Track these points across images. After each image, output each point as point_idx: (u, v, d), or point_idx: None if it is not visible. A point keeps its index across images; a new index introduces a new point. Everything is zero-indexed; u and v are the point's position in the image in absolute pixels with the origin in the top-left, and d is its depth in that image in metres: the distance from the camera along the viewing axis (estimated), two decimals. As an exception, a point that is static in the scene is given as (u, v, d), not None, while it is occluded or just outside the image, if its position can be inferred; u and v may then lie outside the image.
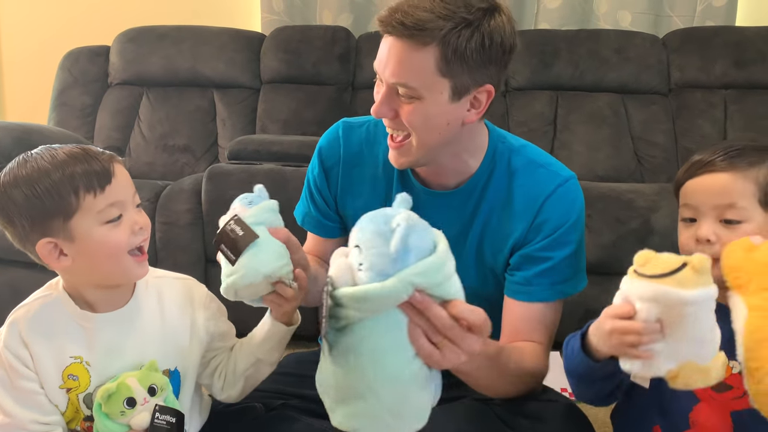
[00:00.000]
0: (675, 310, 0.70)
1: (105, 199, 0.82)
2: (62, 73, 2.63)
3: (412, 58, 0.88)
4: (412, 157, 0.97)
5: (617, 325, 0.74)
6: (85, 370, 0.87)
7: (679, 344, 0.71)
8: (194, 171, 2.43)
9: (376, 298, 0.68)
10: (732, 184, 0.84)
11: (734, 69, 2.41)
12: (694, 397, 0.85)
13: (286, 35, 2.59)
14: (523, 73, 2.51)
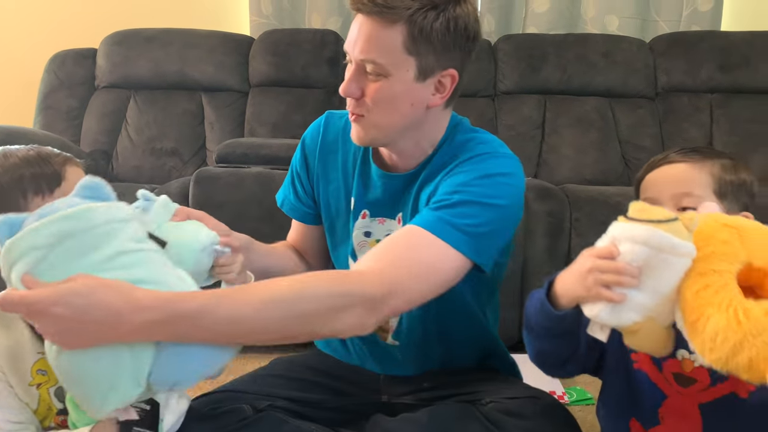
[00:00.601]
0: (661, 257, 0.71)
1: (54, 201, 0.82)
2: (48, 75, 2.60)
3: (380, 35, 0.91)
4: (372, 134, 0.99)
5: (598, 263, 0.74)
6: None
7: (649, 296, 0.72)
8: (182, 175, 2.42)
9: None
10: (688, 173, 0.88)
11: (720, 73, 2.45)
12: (661, 393, 0.87)
13: (275, 38, 2.59)
14: (512, 77, 2.53)
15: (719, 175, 0.88)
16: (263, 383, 1.11)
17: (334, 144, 1.13)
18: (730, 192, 0.88)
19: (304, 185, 1.16)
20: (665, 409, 0.87)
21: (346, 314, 0.83)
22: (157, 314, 0.74)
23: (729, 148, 2.37)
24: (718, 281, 0.69)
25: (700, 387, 0.84)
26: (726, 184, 0.88)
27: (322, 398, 1.11)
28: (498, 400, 0.99)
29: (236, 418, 1.00)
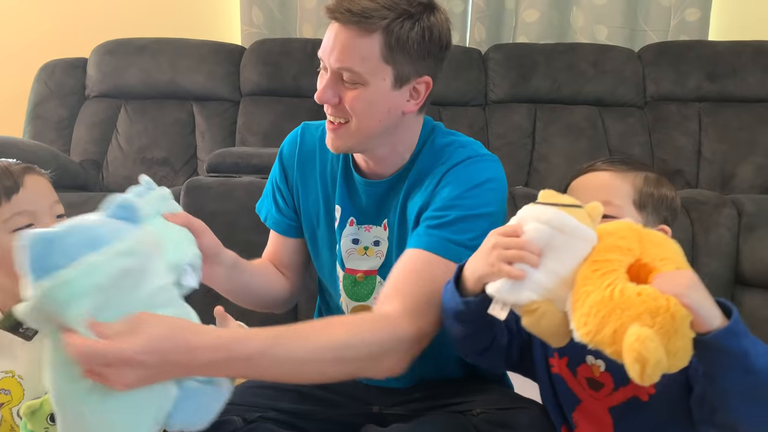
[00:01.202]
0: (562, 238, 0.74)
1: (11, 207, 0.84)
2: (38, 85, 2.59)
3: (357, 44, 0.92)
4: (348, 141, 1.00)
5: (501, 240, 0.77)
6: (18, 383, 0.86)
7: (548, 276, 0.74)
8: (173, 184, 2.41)
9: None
10: (611, 182, 0.90)
11: (707, 82, 2.47)
12: (575, 397, 0.90)
13: (266, 48, 2.59)
14: (502, 86, 2.54)
15: (641, 187, 0.89)
16: (253, 394, 1.10)
17: (311, 154, 1.14)
18: (650, 204, 0.89)
19: (285, 197, 1.16)
20: (579, 414, 0.90)
21: (387, 359, 0.87)
22: (219, 354, 0.75)
23: (718, 156, 2.39)
24: (608, 267, 0.71)
25: (607, 390, 0.87)
26: (646, 197, 0.89)
27: (312, 409, 1.10)
28: (488, 410, 0.99)
29: (227, 430, 1.00)
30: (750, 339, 0.68)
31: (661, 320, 0.64)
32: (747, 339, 0.68)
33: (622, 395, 0.85)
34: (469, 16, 2.76)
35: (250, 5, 2.72)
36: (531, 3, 2.69)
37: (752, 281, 1.81)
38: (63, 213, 0.89)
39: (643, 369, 0.64)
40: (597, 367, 0.88)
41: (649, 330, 0.64)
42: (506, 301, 0.76)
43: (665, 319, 0.65)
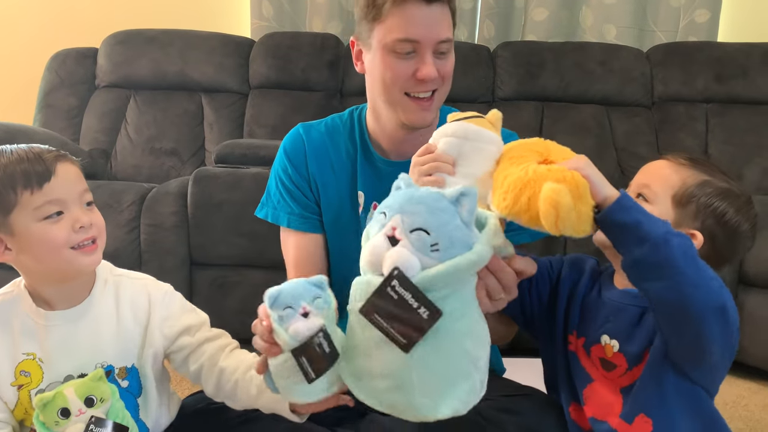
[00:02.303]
0: (469, 144, 0.83)
1: (42, 195, 0.84)
2: (49, 74, 2.60)
3: (446, 15, 1.06)
4: (435, 111, 1.11)
5: (418, 159, 0.87)
6: (38, 366, 0.88)
7: (464, 178, 0.83)
8: (180, 174, 2.42)
9: (468, 267, 0.71)
10: (661, 169, 0.92)
11: (715, 84, 2.47)
12: (588, 376, 0.92)
13: (275, 41, 2.60)
14: (510, 83, 2.54)
15: (689, 186, 0.88)
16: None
17: (323, 148, 1.18)
18: (692, 206, 0.88)
19: (305, 194, 1.18)
20: (589, 391, 0.92)
21: None
22: None
23: (723, 157, 2.38)
24: (522, 160, 0.80)
25: (620, 372, 0.89)
26: (690, 197, 0.88)
27: (316, 397, 1.12)
28: (492, 397, 1.00)
29: (234, 414, 1.01)
30: (642, 212, 0.75)
31: (568, 186, 0.74)
32: (638, 212, 0.75)
33: (635, 376, 0.87)
34: (478, 13, 2.75)
35: (261, -2, 2.73)
36: (540, 1, 2.69)
37: (755, 281, 1.81)
38: (92, 200, 0.89)
39: (558, 214, 0.72)
40: (610, 347, 0.90)
41: (562, 184, 0.73)
42: None
43: (571, 186, 0.74)
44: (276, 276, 1.20)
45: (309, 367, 0.75)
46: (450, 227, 0.71)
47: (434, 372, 0.72)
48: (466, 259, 0.70)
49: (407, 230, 0.70)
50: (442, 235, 0.70)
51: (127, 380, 0.91)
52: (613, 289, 0.93)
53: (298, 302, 0.76)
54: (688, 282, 0.74)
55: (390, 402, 0.74)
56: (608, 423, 0.89)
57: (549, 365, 1.01)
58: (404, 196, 0.74)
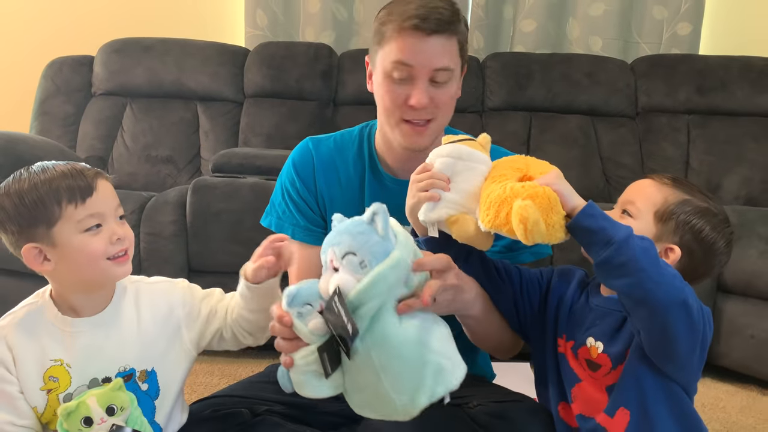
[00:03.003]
0: (462, 163, 0.94)
1: (85, 210, 0.89)
2: (45, 81, 2.63)
3: (447, 45, 1.08)
4: (432, 136, 1.14)
5: (416, 176, 0.97)
6: (66, 371, 0.92)
7: (458, 194, 0.93)
8: (176, 182, 2.47)
9: (393, 270, 0.80)
10: (645, 187, 0.99)
11: (697, 95, 2.54)
12: (576, 377, 0.99)
13: (270, 51, 2.64)
14: (499, 94, 2.61)
15: (671, 203, 0.95)
16: (260, 389, 1.16)
17: (331, 163, 1.21)
18: (672, 222, 0.95)
19: (311, 207, 1.22)
20: (577, 390, 0.99)
21: None
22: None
23: (705, 167, 2.46)
24: (503, 178, 0.91)
25: (604, 371, 0.96)
26: (670, 214, 0.95)
27: (316, 403, 1.13)
28: (484, 403, 1.06)
29: (235, 422, 1.06)
30: (606, 219, 0.85)
31: (540, 201, 0.85)
32: (603, 219, 0.85)
33: (617, 375, 0.94)
34: (468, 24, 2.82)
35: (255, 8, 2.77)
36: (528, 13, 2.76)
37: (733, 289, 1.88)
38: (124, 215, 0.95)
39: (526, 227, 0.83)
40: (595, 348, 0.96)
41: (528, 200, 0.84)
42: (431, 219, 0.95)
43: (543, 200, 0.85)
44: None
45: (328, 362, 0.82)
46: (370, 244, 0.82)
47: (397, 372, 0.81)
48: (386, 265, 0.80)
49: (340, 257, 0.82)
50: (365, 253, 0.81)
51: (147, 383, 0.96)
52: (599, 296, 1.00)
53: (315, 300, 0.84)
54: (650, 279, 0.82)
55: (376, 408, 0.85)
56: (595, 419, 0.95)
57: (539, 366, 1.07)
58: (333, 232, 0.86)
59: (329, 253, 0.84)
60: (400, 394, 0.81)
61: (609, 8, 2.73)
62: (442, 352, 0.84)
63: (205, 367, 1.90)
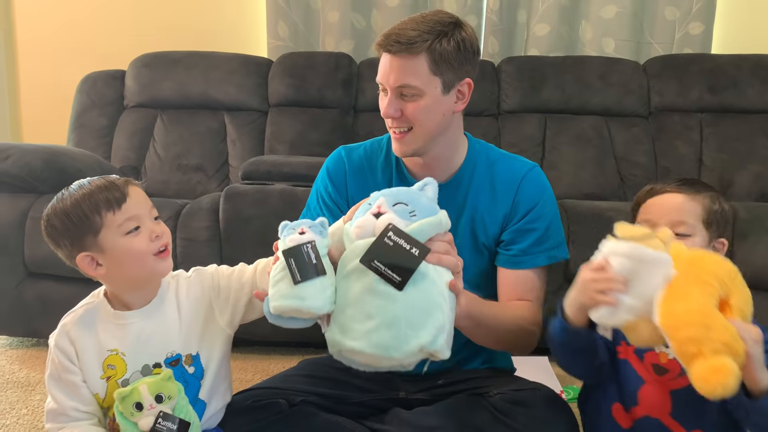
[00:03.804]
0: (642, 266, 0.88)
1: (122, 214, 1.01)
2: (80, 96, 2.74)
3: (409, 65, 1.14)
4: (413, 145, 1.20)
5: (591, 275, 0.92)
6: (121, 359, 1.04)
7: (637, 299, 0.89)
8: (206, 189, 2.57)
9: (437, 224, 0.95)
10: (684, 204, 1.05)
11: (709, 94, 2.58)
12: (640, 379, 1.04)
13: (292, 61, 2.73)
14: (514, 97, 2.67)
15: (709, 207, 1.05)
16: (295, 381, 1.26)
17: (360, 170, 1.31)
18: (714, 222, 1.05)
19: (343, 212, 1.27)
20: (643, 393, 1.04)
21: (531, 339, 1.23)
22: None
23: (717, 165, 2.50)
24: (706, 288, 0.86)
25: (672, 376, 1.02)
26: (713, 214, 1.05)
27: (346, 394, 1.25)
28: (504, 392, 1.15)
29: (274, 411, 1.16)
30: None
31: (737, 359, 0.82)
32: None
33: (685, 381, 0.94)
34: (483, 30, 2.89)
35: (276, 19, 2.87)
36: (542, 17, 2.82)
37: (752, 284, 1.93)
38: (158, 215, 1.06)
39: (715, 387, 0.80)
40: (665, 355, 1.02)
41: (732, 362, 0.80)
42: (608, 325, 0.95)
43: (739, 359, 0.82)
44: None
45: (296, 269, 0.91)
46: (421, 201, 0.96)
47: (415, 306, 0.90)
48: (437, 218, 0.95)
49: (390, 205, 0.95)
50: (416, 206, 0.95)
51: (193, 366, 1.07)
52: None
53: (299, 226, 0.98)
54: None
55: (377, 340, 0.90)
56: (660, 420, 1.01)
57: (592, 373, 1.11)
58: (381, 191, 0.98)
59: (379, 201, 0.95)
60: (409, 328, 0.90)
61: (621, 10, 2.78)
62: (449, 319, 0.94)
63: (239, 363, 2.00)
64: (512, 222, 1.25)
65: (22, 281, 2.05)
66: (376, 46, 1.18)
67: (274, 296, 0.94)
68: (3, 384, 1.84)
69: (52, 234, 1.02)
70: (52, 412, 1.04)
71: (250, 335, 1.93)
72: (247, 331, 1.18)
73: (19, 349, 2.12)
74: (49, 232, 1.02)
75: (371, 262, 0.90)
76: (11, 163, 2.03)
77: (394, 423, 1.19)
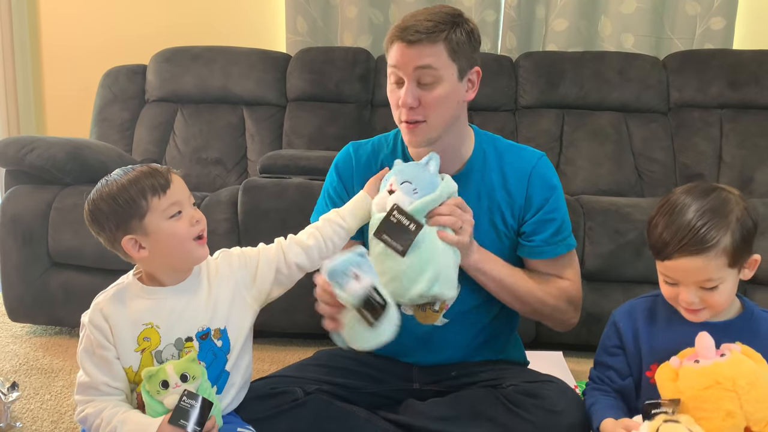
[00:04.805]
0: None
1: (167, 199, 1.06)
2: (103, 90, 2.79)
3: (430, 50, 1.17)
4: (428, 134, 1.21)
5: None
6: (156, 332, 1.09)
7: None
8: (225, 182, 2.61)
9: (439, 198, 1.12)
10: (705, 266, 1.00)
11: (729, 90, 2.56)
12: None
13: (310, 56, 2.75)
14: (532, 92, 2.67)
15: (730, 251, 0.99)
16: (311, 371, 1.29)
17: (367, 166, 1.33)
18: (740, 253, 1.01)
19: None
20: None
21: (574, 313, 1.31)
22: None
23: (737, 161, 2.48)
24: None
25: None
26: (738, 253, 1.00)
27: (361, 384, 1.28)
28: (517, 383, 1.16)
29: (290, 398, 1.19)
30: None
31: None
32: None
33: None
34: (501, 25, 2.88)
35: (295, 14, 2.89)
36: (560, 12, 2.81)
37: (763, 280, 1.92)
38: (195, 202, 1.12)
39: None
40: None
41: None
42: None
43: None
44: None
45: (370, 316, 1.04)
46: (425, 178, 1.13)
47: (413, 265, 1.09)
48: (435, 195, 1.12)
49: (399, 183, 1.13)
50: (419, 183, 1.13)
51: (221, 340, 1.12)
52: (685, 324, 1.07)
53: (349, 269, 1.04)
54: None
55: (390, 289, 1.08)
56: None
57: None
58: (396, 167, 1.17)
59: (392, 179, 1.14)
60: (410, 281, 1.09)
61: (641, 5, 2.76)
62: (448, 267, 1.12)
63: (257, 354, 2.01)
64: (529, 214, 1.26)
65: (46, 271, 2.10)
66: (390, 38, 1.19)
67: (352, 340, 1.09)
68: (27, 370, 1.89)
69: (97, 217, 1.06)
70: (83, 384, 1.08)
71: (268, 327, 1.97)
72: (264, 323, 1.22)
73: (43, 337, 2.18)
74: (95, 216, 1.06)
75: (381, 235, 1.10)
76: (36, 155, 2.08)
77: (408, 413, 1.21)
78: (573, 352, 1.99)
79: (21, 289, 2.10)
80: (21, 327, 2.25)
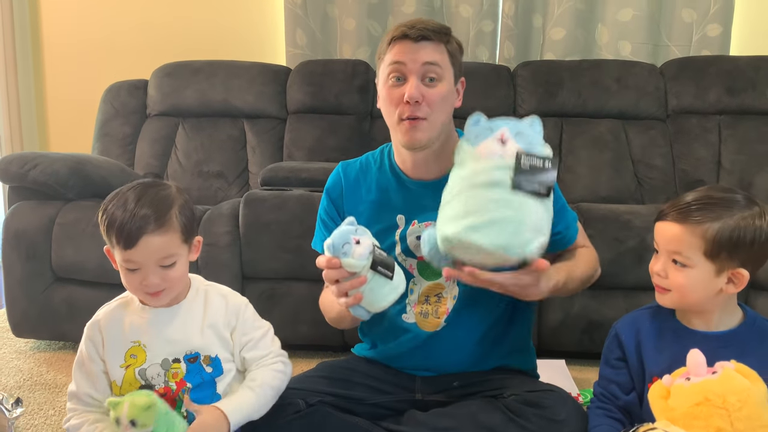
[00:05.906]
0: None
1: (126, 255, 1.06)
2: (104, 105, 2.80)
3: (435, 48, 1.22)
4: (429, 133, 1.23)
5: None
6: (143, 350, 1.12)
7: None
8: (227, 195, 2.62)
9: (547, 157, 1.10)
10: (680, 236, 1.03)
11: (727, 96, 2.56)
12: None
13: (310, 69, 2.77)
14: (530, 101, 2.67)
15: (713, 238, 1.00)
16: (312, 382, 1.29)
17: (356, 184, 1.35)
18: (723, 252, 1.00)
19: (337, 225, 1.32)
20: None
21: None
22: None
23: (736, 167, 2.48)
24: None
25: None
26: (719, 247, 1.00)
27: (363, 396, 1.28)
28: (519, 393, 1.17)
29: (293, 410, 1.20)
30: None
31: None
32: None
33: None
34: (498, 34, 2.90)
35: (294, 27, 2.92)
36: (557, 21, 2.83)
37: (765, 285, 1.92)
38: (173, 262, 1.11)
39: None
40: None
41: None
42: None
43: None
44: (318, 287, 1.39)
45: (385, 270, 1.09)
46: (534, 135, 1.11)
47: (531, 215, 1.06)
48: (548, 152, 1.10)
49: (513, 134, 1.09)
50: (528, 138, 1.09)
51: (211, 366, 1.13)
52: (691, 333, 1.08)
53: (347, 237, 1.08)
54: None
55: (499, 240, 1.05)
56: None
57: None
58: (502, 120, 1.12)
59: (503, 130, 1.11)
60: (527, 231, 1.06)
61: (638, 13, 2.78)
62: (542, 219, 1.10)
63: (259, 366, 2.03)
64: None
65: (50, 286, 2.11)
66: (392, 37, 1.22)
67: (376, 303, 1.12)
68: (31, 386, 1.90)
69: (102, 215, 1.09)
70: (70, 393, 1.14)
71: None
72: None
73: (47, 352, 2.19)
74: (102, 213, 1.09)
75: (520, 186, 1.04)
76: (39, 171, 2.10)
77: (410, 424, 1.21)
78: (575, 360, 1.99)
79: (25, 304, 2.11)
80: (25, 342, 2.26)
